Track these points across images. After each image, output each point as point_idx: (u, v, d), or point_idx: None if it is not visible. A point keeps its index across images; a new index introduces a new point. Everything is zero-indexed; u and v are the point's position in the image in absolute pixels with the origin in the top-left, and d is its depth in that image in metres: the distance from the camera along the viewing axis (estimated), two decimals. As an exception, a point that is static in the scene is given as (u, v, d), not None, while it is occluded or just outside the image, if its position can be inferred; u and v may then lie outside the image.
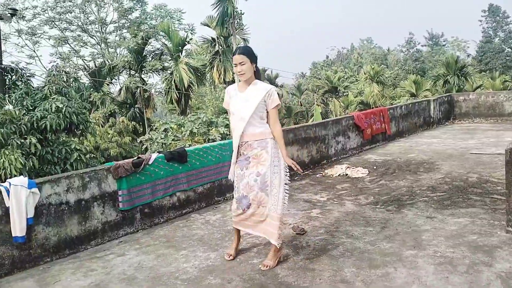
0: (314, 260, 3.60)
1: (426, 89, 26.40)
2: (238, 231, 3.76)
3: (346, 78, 35.77)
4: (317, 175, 6.87)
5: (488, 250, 3.56)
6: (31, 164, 6.72)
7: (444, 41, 58.39)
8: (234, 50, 3.65)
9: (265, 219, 3.51)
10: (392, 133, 9.76)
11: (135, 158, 4.78)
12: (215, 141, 11.30)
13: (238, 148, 3.60)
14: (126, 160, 4.67)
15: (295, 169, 3.51)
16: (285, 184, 3.59)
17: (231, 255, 3.73)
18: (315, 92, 33.55)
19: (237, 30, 22.75)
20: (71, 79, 8.88)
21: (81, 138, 9.42)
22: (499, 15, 46.86)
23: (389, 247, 3.75)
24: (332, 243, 3.95)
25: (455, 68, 24.72)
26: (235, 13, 21.96)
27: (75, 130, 8.04)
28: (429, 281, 3.10)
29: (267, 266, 3.49)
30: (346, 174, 6.70)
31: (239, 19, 22.65)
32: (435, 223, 4.30)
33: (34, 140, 6.95)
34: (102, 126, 17.48)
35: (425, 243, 3.80)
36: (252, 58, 3.52)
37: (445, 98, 12.71)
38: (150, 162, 4.76)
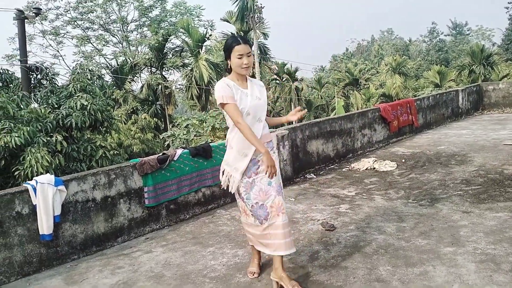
0: (347, 257, 3.46)
1: (451, 80, 25.69)
2: None
3: (367, 70, 35.11)
4: (343, 169, 6.70)
5: (533, 246, 3.35)
6: (57, 162, 6.75)
7: (468, 30, 56.69)
8: (230, 39, 2.99)
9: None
10: (420, 125, 9.46)
11: (160, 154, 4.73)
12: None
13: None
14: (152, 157, 4.62)
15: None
16: None
17: (254, 272, 3.23)
18: (336, 85, 33.05)
19: (257, 25, 22.56)
20: (95, 77, 8.87)
21: (105, 135, 9.45)
22: (528, 1, 44.99)
23: (425, 244, 3.57)
24: (364, 239, 3.80)
25: (480, 57, 23.91)
26: (255, 7, 21.77)
27: (100, 127, 8.05)
28: (471, 280, 2.92)
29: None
30: (374, 168, 6.50)
31: (259, 13, 22.43)
32: (472, 218, 4.10)
33: (59, 138, 6.98)
34: (125, 123, 17.62)
35: (464, 239, 3.61)
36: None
37: (473, 88, 12.28)
38: (175, 158, 4.70)
